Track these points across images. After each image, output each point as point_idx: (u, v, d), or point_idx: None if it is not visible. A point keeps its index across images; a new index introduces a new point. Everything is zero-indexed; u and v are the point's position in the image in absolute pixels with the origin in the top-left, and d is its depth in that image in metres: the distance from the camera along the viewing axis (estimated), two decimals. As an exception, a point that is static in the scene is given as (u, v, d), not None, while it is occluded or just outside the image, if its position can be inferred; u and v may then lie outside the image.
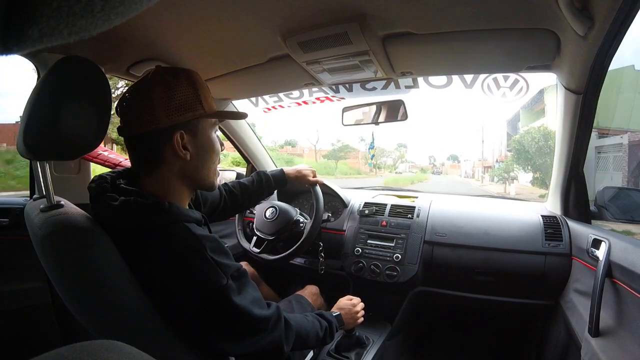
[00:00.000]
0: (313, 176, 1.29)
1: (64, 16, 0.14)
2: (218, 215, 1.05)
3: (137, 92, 0.66)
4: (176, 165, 0.67)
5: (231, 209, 1.10)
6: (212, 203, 1.02)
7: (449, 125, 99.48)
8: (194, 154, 0.68)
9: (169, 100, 0.64)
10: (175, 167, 0.67)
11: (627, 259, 0.78)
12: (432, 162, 57.80)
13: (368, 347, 1.18)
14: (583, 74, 0.85)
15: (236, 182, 1.14)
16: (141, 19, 0.80)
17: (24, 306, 1.11)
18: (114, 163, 1.23)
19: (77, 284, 0.55)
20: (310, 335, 0.82)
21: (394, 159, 45.42)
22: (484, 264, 1.24)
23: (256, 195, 1.16)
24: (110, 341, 0.30)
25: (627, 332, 0.76)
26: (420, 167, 46.38)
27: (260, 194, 1.18)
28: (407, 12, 0.79)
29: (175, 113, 0.64)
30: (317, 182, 1.30)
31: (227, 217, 1.13)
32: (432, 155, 69.10)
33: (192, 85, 0.67)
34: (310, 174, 1.28)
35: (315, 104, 1.57)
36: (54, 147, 0.59)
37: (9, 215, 1.11)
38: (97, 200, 0.63)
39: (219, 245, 0.64)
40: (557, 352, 1.13)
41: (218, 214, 1.05)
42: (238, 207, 1.13)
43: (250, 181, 1.16)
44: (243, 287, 0.65)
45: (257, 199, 1.19)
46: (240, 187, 1.13)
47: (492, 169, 25.71)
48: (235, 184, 1.13)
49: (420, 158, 69.11)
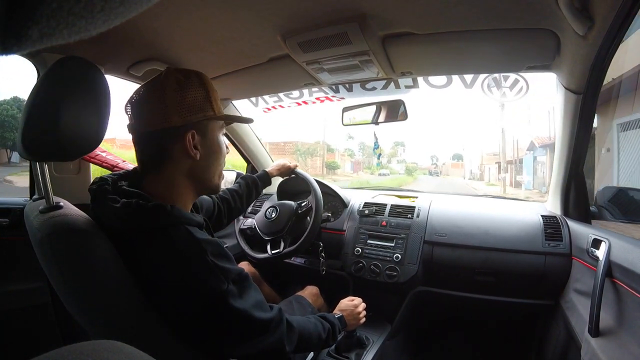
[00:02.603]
0: (290, 163, 1.39)
1: (64, 16, 0.14)
2: (214, 223, 1.05)
3: (149, 91, 0.66)
4: (185, 165, 0.67)
5: (227, 215, 1.13)
6: (207, 211, 1.03)
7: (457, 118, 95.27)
8: (203, 154, 0.68)
9: (182, 99, 0.65)
10: (183, 167, 0.68)
11: (627, 258, 0.78)
12: (435, 161, 55.37)
13: (368, 347, 1.18)
14: (583, 74, 0.85)
15: (225, 189, 1.18)
16: (141, 19, 0.80)
17: (24, 306, 1.11)
18: (112, 164, 1.23)
19: (76, 286, 0.55)
20: (313, 337, 0.81)
21: (387, 157, 43.20)
22: (484, 264, 1.24)
23: (246, 197, 1.22)
24: (110, 341, 0.30)
25: (627, 332, 0.76)
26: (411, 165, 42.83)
27: (250, 196, 1.23)
28: (407, 12, 0.79)
29: (187, 112, 0.65)
30: (295, 166, 1.40)
31: (224, 225, 1.15)
32: (434, 154, 66.83)
33: (203, 86, 0.68)
34: (286, 163, 1.38)
35: (315, 104, 1.57)
36: (53, 148, 0.59)
37: (9, 215, 1.11)
38: (98, 202, 0.63)
39: (220, 249, 0.64)
40: (557, 352, 1.13)
41: (214, 222, 1.06)
42: (232, 211, 1.16)
43: (238, 186, 1.22)
44: (245, 290, 0.65)
45: (248, 201, 1.24)
46: (230, 193, 1.17)
47: (516, 165, 17.90)
48: (225, 190, 1.17)
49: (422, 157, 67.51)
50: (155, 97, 0.65)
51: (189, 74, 0.67)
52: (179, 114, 0.64)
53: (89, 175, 1.23)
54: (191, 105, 0.65)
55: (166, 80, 0.65)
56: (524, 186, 16.12)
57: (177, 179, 0.68)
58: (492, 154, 29.32)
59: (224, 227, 1.16)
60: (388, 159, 42.29)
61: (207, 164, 0.70)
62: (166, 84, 0.64)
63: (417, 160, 64.25)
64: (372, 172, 38.99)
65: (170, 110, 0.64)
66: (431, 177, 40.89)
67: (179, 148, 0.66)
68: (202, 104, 0.67)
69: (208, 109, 0.68)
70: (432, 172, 47.39)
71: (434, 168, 51.79)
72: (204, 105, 0.67)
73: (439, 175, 44.33)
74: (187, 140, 0.65)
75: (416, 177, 37.22)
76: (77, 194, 0.98)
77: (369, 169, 40.33)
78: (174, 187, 0.68)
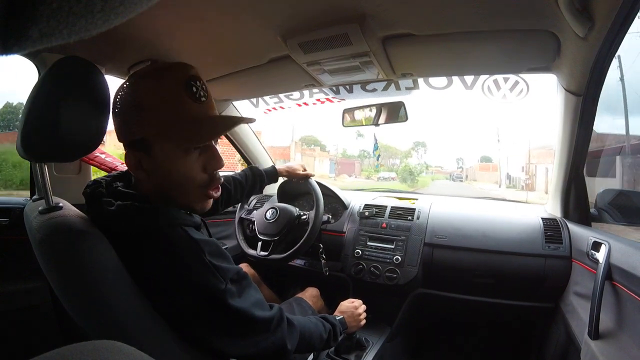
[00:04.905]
0: (303, 170, 1.34)
1: (64, 16, 0.14)
2: (210, 209, 1.05)
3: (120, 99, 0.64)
4: (150, 183, 0.65)
5: (224, 203, 1.12)
6: None
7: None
8: (152, 174, 0.63)
9: (118, 114, 0.63)
10: (150, 184, 0.65)
11: (627, 261, 0.78)
12: (460, 164, 47.59)
13: (368, 349, 1.18)
14: (583, 75, 0.85)
15: (230, 177, 1.15)
16: (141, 19, 0.80)
17: (24, 306, 1.11)
18: (110, 167, 1.22)
19: (76, 287, 0.55)
20: (314, 337, 0.81)
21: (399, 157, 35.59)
22: (484, 267, 1.24)
23: (249, 188, 1.19)
24: (110, 341, 0.30)
25: (627, 334, 0.75)
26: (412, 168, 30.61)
27: (253, 188, 1.21)
28: (407, 13, 0.79)
29: (122, 129, 0.63)
30: (307, 175, 1.34)
31: (219, 212, 1.14)
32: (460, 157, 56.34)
33: (135, 98, 0.62)
34: (299, 168, 1.34)
35: (315, 105, 1.57)
36: (52, 148, 0.59)
37: (9, 215, 1.11)
38: (93, 205, 0.62)
39: (218, 249, 0.63)
40: (557, 354, 1.12)
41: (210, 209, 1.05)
42: (230, 200, 1.14)
43: (243, 175, 1.19)
44: (243, 289, 0.64)
45: (250, 192, 1.22)
46: (233, 181, 1.15)
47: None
48: (229, 178, 1.15)
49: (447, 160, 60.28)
50: (119, 107, 0.63)
51: (127, 83, 0.63)
52: (119, 131, 0.62)
53: (90, 175, 1.23)
54: (122, 122, 0.61)
55: (127, 89, 0.62)
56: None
57: (155, 189, 0.65)
58: (545, 147, 19.34)
59: (218, 213, 1.14)
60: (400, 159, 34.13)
61: (164, 185, 0.64)
62: (125, 94, 0.62)
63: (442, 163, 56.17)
64: (369, 176, 31.81)
65: (116, 125, 0.62)
66: (450, 183, 30.33)
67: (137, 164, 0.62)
68: (130, 119, 0.61)
69: (137, 127, 0.61)
70: (454, 176, 37.88)
71: (459, 172, 41.72)
72: (131, 121, 0.61)
73: (462, 181, 34.73)
74: (127, 159, 0.62)
75: (426, 182, 27.76)
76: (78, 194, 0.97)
77: (366, 172, 33.89)
78: (157, 194, 0.65)
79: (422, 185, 23.82)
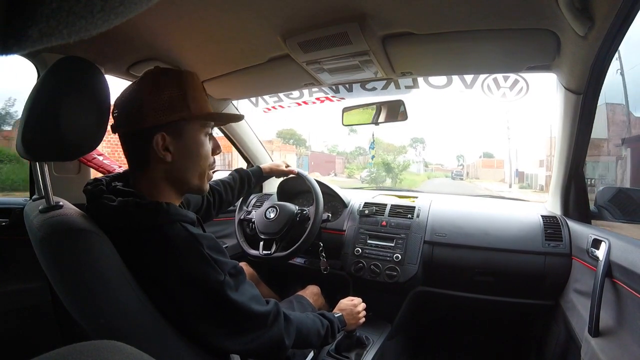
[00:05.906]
0: (285, 167, 1.37)
1: (63, 16, 0.14)
2: (203, 215, 1.06)
3: (130, 92, 0.66)
4: (161, 167, 0.67)
5: (216, 207, 1.13)
6: (195, 205, 1.03)
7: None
8: (178, 156, 0.67)
9: (156, 100, 0.64)
10: (160, 168, 0.67)
11: (627, 258, 0.78)
12: (461, 162, 45.99)
13: (368, 347, 1.18)
14: (583, 74, 0.85)
15: (219, 180, 1.17)
16: (141, 19, 0.80)
17: (24, 306, 1.11)
18: (108, 170, 1.22)
19: (76, 285, 0.55)
20: (312, 332, 0.82)
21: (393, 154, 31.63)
22: (484, 264, 1.24)
23: (238, 190, 1.22)
24: (110, 341, 0.30)
25: (627, 332, 0.76)
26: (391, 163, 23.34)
27: (242, 189, 1.24)
28: (407, 12, 0.79)
29: (160, 114, 0.64)
30: (291, 171, 1.37)
31: (213, 216, 1.14)
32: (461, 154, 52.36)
33: (180, 86, 0.66)
34: (282, 165, 1.37)
35: (315, 104, 1.57)
36: (52, 148, 0.59)
37: (9, 215, 1.11)
38: (94, 202, 0.64)
39: (215, 243, 0.65)
40: (557, 352, 1.13)
41: (203, 213, 1.06)
42: (223, 203, 1.16)
43: (231, 178, 1.21)
44: (240, 284, 0.66)
45: (239, 194, 1.24)
46: (223, 184, 1.17)
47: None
48: (218, 182, 1.17)
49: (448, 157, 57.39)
50: (133, 98, 0.65)
51: (168, 73, 0.67)
52: (153, 116, 0.64)
53: (89, 175, 1.23)
54: (164, 106, 0.64)
55: (143, 82, 0.65)
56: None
57: (157, 180, 0.68)
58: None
59: (212, 219, 1.15)
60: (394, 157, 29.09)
61: (183, 165, 0.69)
62: (143, 85, 0.65)
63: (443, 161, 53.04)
64: (351, 174, 26.85)
65: (145, 112, 0.64)
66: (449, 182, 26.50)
67: (152, 150, 0.65)
68: (176, 104, 0.65)
69: (183, 110, 0.66)
70: (454, 174, 34.54)
71: (460, 169, 39.30)
72: (178, 105, 0.66)
73: (463, 179, 31.19)
74: (156, 142, 0.64)
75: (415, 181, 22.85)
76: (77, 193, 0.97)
77: (349, 169, 29.31)
78: (157, 188, 0.68)
79: (408, 186, 18.62)
